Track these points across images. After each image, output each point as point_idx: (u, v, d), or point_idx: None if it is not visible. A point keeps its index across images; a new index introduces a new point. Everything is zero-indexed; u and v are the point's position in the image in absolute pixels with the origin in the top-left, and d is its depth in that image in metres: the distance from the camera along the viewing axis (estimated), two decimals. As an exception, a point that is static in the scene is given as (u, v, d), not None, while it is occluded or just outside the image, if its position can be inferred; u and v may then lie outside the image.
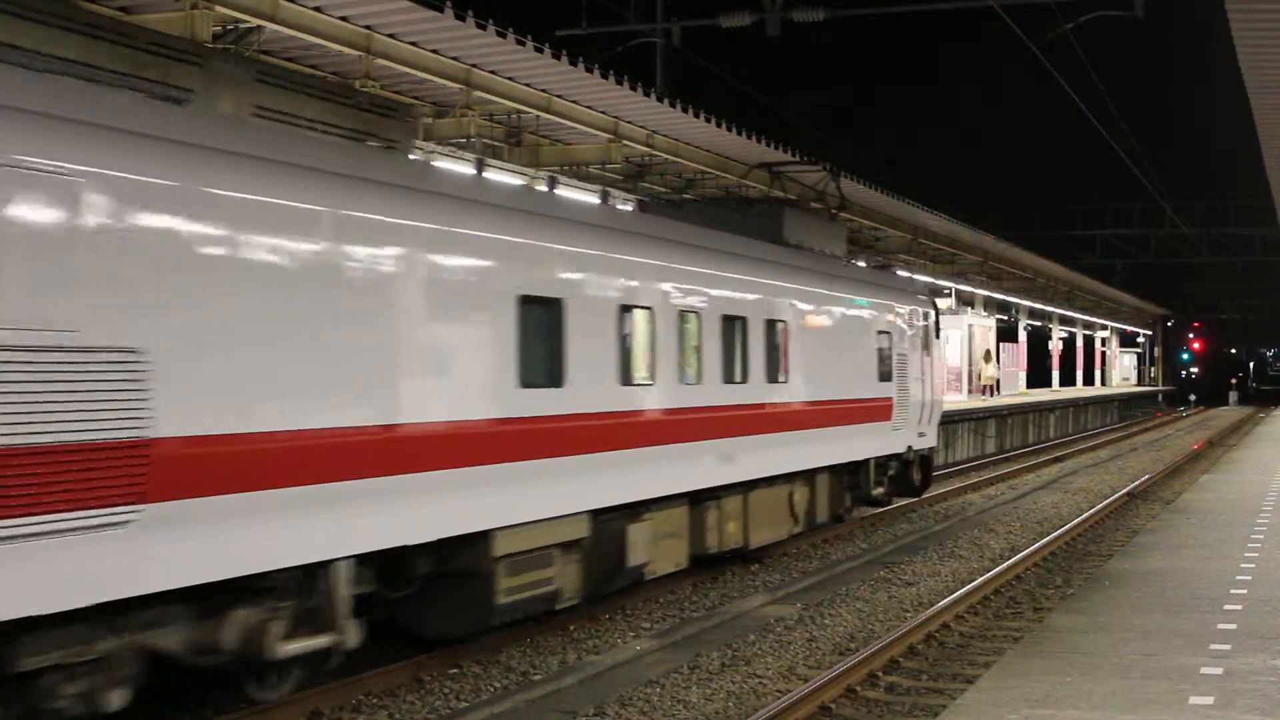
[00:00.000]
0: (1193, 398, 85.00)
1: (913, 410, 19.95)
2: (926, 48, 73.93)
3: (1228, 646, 8.77)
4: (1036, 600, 14.00)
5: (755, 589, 14.75)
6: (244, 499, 7.64)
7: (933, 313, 21.67)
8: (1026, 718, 7.13)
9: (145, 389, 7.01)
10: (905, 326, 19.87)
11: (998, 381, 44.38)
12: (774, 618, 13.06)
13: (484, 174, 15.57)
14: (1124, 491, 24.24)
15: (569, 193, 17.90)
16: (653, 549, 12.93)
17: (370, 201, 9.03)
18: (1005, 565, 15.30)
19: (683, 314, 13.29)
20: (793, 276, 16.15)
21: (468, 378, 10.00)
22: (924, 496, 23.88)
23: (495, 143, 19.13)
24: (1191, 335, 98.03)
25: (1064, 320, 61.12)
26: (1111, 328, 74.35)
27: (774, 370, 15.30)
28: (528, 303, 10.65)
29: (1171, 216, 56.83)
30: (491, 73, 16.49)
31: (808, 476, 16.66)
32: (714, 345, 13.82)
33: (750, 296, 14.75)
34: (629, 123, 19.62)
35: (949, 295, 40.72)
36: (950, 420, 33.78)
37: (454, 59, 15.85)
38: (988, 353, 44.32)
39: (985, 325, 43.85)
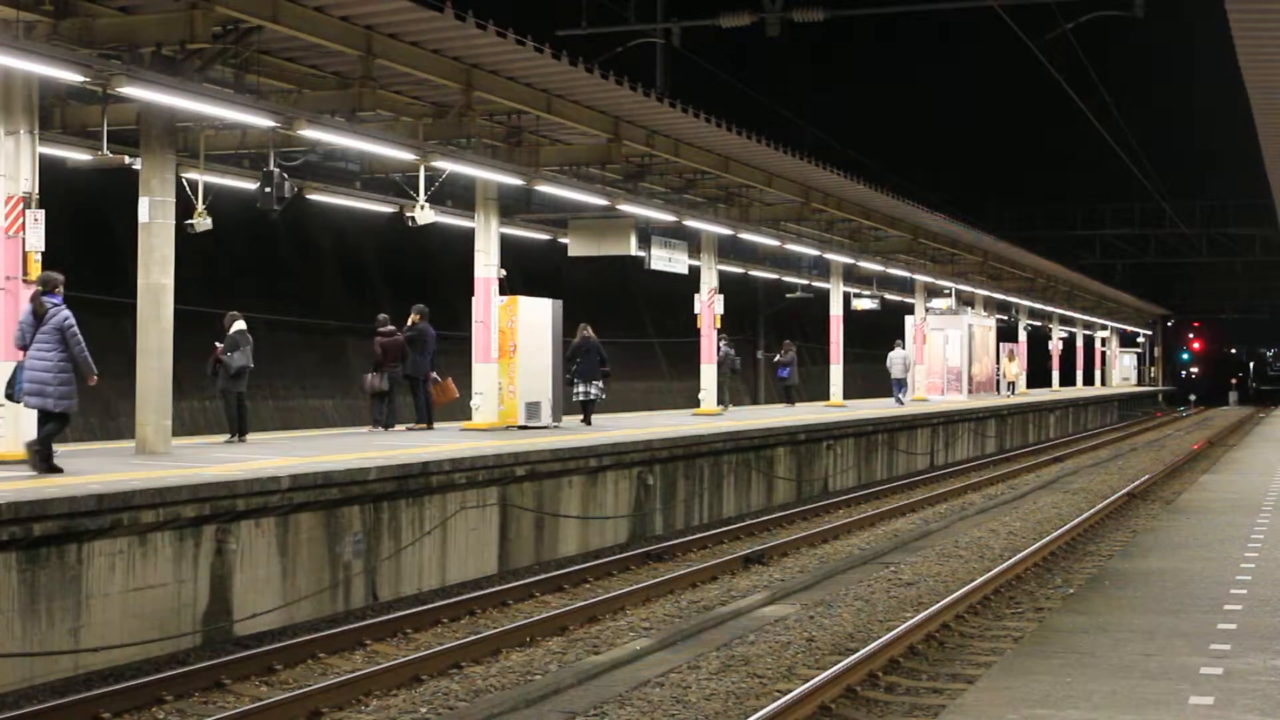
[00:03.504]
0: (1193, 398, 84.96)
1: None
2: (926, 47, 73.92)
3: (1228, 646, 8.77)
4: (1036, 600, 14.00)
5: (755, 589, 14.74)
6: None
7: None
8: (1026, 718, 7.13)
9: None
10: None
11: (1017, 379, 48.50)
12: (774, 618, 13.06)
13: None
14: (1124, 491, 24.22)
15: None
16: None
17: None
18: (1005, 565, 15.29)
19: None
20: None
21: None
22: (917, 498, 23.83)
23: (495, 143, 19.15)
24: (1191, 335, 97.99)
25: (1064, 320, 61.10)
26: (1111, 328, 74.32)
27: None
28: None
29: (1171, 216, 56.84)
30: (492, 73, 16.50)
31: None
32: None
33: None
34: (629, 123, 19.64)
35: (949, 295, 40.75)
36: (950, 420, 33.80)
37: (454, 59, 15.86)
38: (1011, 353, 48.04)
39: (985, 325, 43.97)
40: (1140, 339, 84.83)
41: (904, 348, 37.12)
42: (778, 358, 34.84)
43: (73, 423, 21.85)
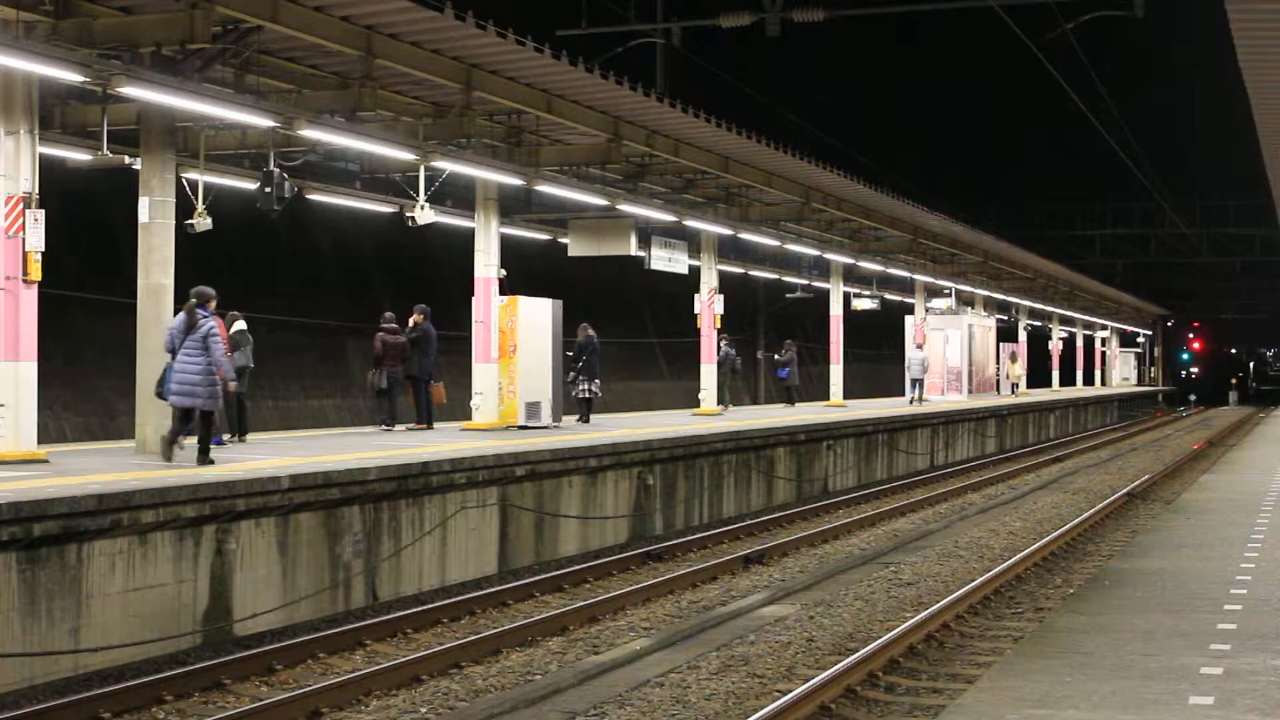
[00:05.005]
0: (1193, 398, 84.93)
1: None
2: (926, 47, 73.82)
3: (1228, 646, 8.77)
4: (1036, 600, 14.00)
5: (755, 589, 14.75)
6: None
7: None
8: (1026, 718, 7.13)
9: None
10: None
11: (1020, 379, 49.50)
12: (774, 618, 13.06)
13: None
14: (1124, 491, 24.23)
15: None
16: None
17: None
18: (1005, 565, 15.29)
19: None
20: None
21: None
22: (917, 498, 23.84)
23: (495, 143, 19.14)
24: (1191, 335, 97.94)
25: (1064, 320, 61.09)
26: (1111, 328, 74.30)
27: None
28: None
29: (1171, 216, 56.77)
30: (492, 73, 16.50)
31: None
32: None
33: None
34: (629, 123, 19.64)
35: (949, 295, 40.76)
36: (950, 420, 33.81)
37: (454, 59, 15.86)
38: (1014, 354, 49.16)
39: (986, 325, 43.99)
40: (1140, 339, 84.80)
41: (922, 350, 37.94)
42: (777, 357, 34.87)
43: (72, 423, 21.91)
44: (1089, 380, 72.27)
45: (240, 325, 17.14)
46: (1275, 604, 10.28)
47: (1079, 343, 67.91)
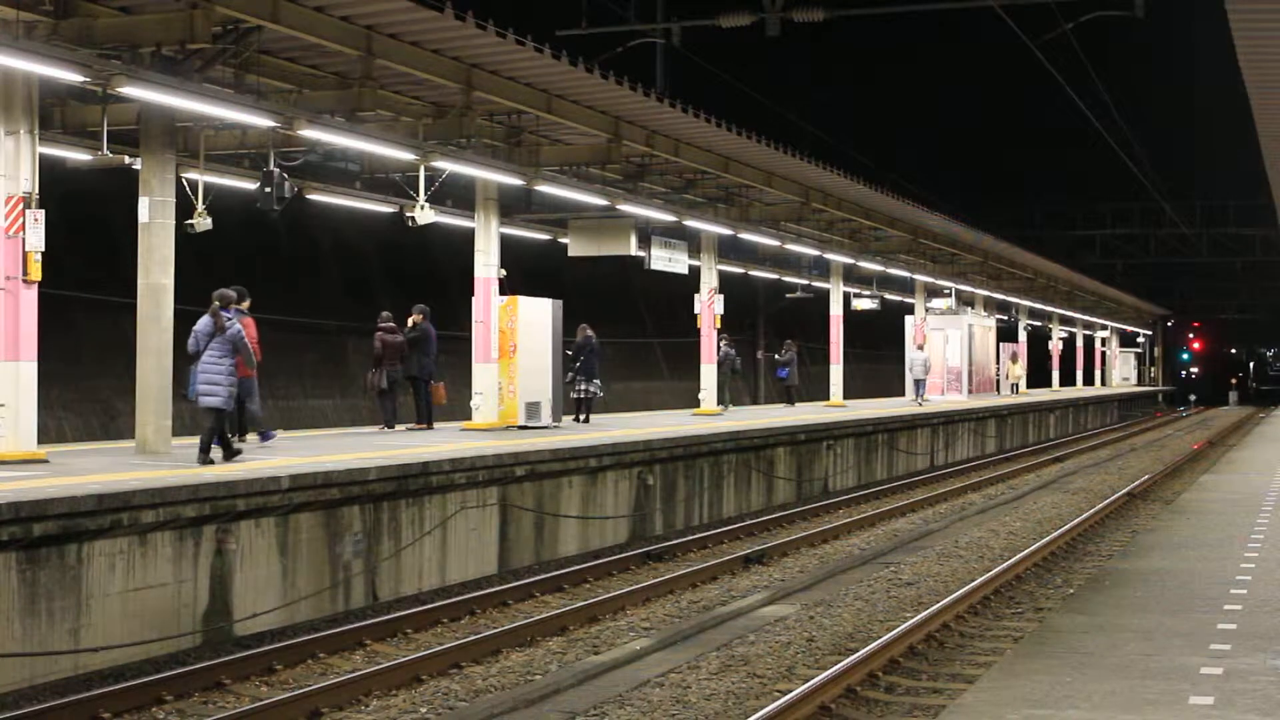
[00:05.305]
0: (1193, 398, 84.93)
1: None
2: (926, 47, 73.74)
3: (1228, 646, 8.76)
4: (1036, 600, 14.00)
5: (755, 589, 14.75)
6: None
7: None
8: (1026, 718, 7.13)
9: None
10: None
11: (1020, 379, 49.83)
12: (774, 618, 13.06)
13: None
14: (1124, 491, 24.22)
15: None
16: None
17: None
18: (1005, 565, 15.29)
19: None
20: None
21: None
22: (917, 498, 23.88)
23: (495, 143, 19.15)
24: (1191, 335, 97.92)
25: (1064, 320, 61.09)
26: (1111, 328, 74.28)
27: None
28: None
29: (1171, 216, 56.79)
30: (492, 73, 16.51)
31: None
32: None
33: None
34: (629, 123, 19.64)
35: (949, 295, 40.77)
36: (950, 420, 33.81)
37: (454, 59, 15.86)
38: (1014, 355, 49.51)
39: (985, 325, 43.99)
40: (1140, 339, 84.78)
41: (924, 350, 38.06)
42: (777, 357, 34.88)
43: (72, 423, 21.90)
44: (1089, 380, 72.26)
45: None
46: (1275, 604, 10.28)
47: (1079, 343, 67.89)
